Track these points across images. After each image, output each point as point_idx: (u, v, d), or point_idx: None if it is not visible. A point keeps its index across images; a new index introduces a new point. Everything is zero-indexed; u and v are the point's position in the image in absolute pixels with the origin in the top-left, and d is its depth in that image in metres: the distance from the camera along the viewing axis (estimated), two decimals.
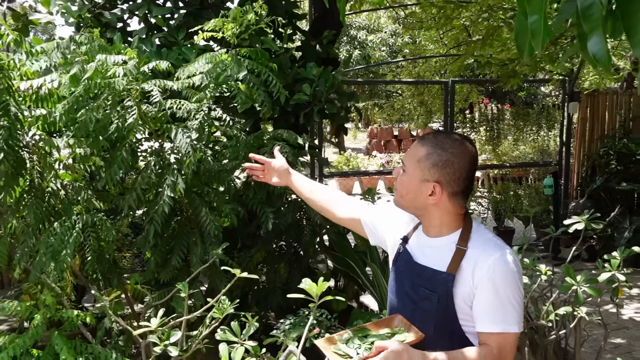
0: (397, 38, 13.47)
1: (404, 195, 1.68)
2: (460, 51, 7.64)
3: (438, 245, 1.68)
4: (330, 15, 4.43)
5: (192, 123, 2.44)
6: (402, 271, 1.75)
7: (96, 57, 2.31)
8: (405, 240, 1.78)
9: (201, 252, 2.66)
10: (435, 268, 1.64)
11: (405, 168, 1.67)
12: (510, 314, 1.56)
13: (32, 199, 2.44)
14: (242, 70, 2.50)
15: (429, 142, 1.65)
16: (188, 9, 3.69)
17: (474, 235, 1.65)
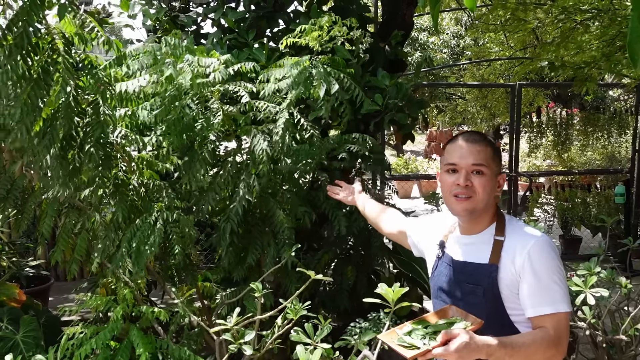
0: (460, 40, 13.23)
1: (484, 197, 1.73)
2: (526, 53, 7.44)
3: (476, 241, 1.77)
4: (400, 16, 4.39)
5: (275, 129, 2.47)
6: (444, 273, 1.83)
7: (185, 58, 2.38)
8: (442, 245, 1.88)
9: (274, 252, 2.70)
10: (477, 262, 1.73)
11: (483, 169, 1.72)
12: (557, 294, 1.63)
13: (118, 196, 2.53)
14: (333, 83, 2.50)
15: (484, 140, 1.76)
16: (261, 12, 3.73)
17: (509, 226, 1.75)
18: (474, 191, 1.72)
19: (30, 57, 2.12)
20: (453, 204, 1.75)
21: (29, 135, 2.23)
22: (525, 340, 1.57)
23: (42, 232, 2.89)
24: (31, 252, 5.05)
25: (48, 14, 2.25)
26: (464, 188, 1.72)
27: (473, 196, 1.72)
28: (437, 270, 1.87)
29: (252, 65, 2.62)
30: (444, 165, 1.80)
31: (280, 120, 2.47)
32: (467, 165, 1.73)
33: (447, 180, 1.77)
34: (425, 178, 9.91)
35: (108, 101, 2.41)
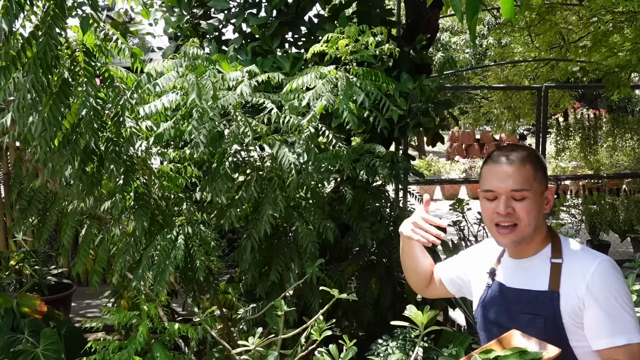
0: (483, 40, 13.05)
1: (531, 222, 1.55)
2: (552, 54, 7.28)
3: (530, 264, 1.60)
4: (425, 20, 4.30)
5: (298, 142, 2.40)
6: (494, 303, 1.65)
7: (208, 72, 2.33)
8: (493, 273, 1.68)
9: (298, 268, 2.63)
10: (535, 289, 1.55)
11: (525, 194, 1.54)
12: (629, 322, 1.47)
13: (138, 209, 2.49)
14: (358, 94, 2.42)
15: (522, 158, 1.57)
16: (283, 18, 3.68)
17: (565, 247, 1.58)
18: (517, 218, 1.54)
19: (51, 71, 2.07)
20: (497, 235, 1.58)
21: (49, 148, 2.20)
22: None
23: (63, 242, 2.87)
24: (53, 260, 5.05)
25: (69, 26, 2.21)
26: (505, 216, 1.54)
27: (517, 224, 1.54)
28: (486, 301, 1.67)
29: (279, 77, 2.54)
30: (481, 191, 1.62)
31: (305, 134, 2.40)
32: (506, 191, 1.55)
33: (487, 207, 1.59)
34: (449, 183, 9.77)
35: (129, 113, 2.37)
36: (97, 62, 2.24)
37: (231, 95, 2.36)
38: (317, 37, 3.76)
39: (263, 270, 2.84)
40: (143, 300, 2.67)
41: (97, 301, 5.26)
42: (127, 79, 2.41)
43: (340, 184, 3.11)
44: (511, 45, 8.74)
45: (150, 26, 4.10)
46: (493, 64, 9.64)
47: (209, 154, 2.47)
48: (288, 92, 2.68)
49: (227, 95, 2.39)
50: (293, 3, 3.91)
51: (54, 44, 1.98)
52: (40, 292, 4.20)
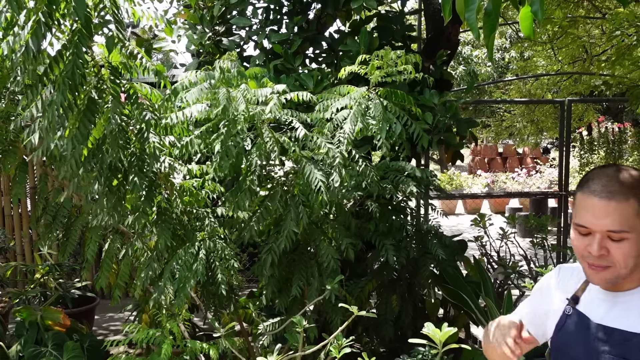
0: (504, 53, 12.99)
1: (628, 265, 1.33)
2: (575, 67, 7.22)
3: (627, 299, 1.39)
4: (445, 36, 4.30)
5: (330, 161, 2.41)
6: (573, 336, 1.45)
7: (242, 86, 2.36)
8: (575, 300, 1.47)
9: (318, 284, 2.63)
10: (629, 330, 1.34)
11: (624, 235, 1.31)
12: None
13: (160, 224, 2.51)
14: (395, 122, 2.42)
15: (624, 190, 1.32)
16: (304, 35, 3.71)
17: None
18: (611, 261, 1.33)
19: (78, 89, 2.12)
20: (588, 273, 1.38)
21: (76, 164, 2.24)
22: None
23: (86, 257, 2.91)
24: (77, 273, 5.12)
25: (95, 43, 2.26)
26: (598, 258, 1.33)
27: (612, 267, 1.34)
28: (562, 332, 1.48)
29: (308, 96, 2.54)
30: (573, 222, 1.38)
31: (337, 159, 2.39)
32: (602, 231, 1.32)
33: (578, 242, 1.37)
34: (471, 197, 9.67)
35: (154, 128, 2.41)
36: (122, 80, 2.28)
37: (260, 110, 2.39)
38: (338, 53, 3.79)
39: (283, 285, 2.85)
40: (164, 316, 2.69)
41: (120, 314, 5.31)
42: (152, 95, 2.45)
43: (364, 200, 3.11)
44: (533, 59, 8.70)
45: (173, 43, 4.17)
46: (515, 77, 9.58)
47: (232, 168, 2.49)
48: (319, 111, 2.68)
49: (256, 109, 2.42)
50: (314, 19, 3.95)
51: (81, 63, 2.03)
52: (64, 305, 4.25)
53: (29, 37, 1.92)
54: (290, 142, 2.55)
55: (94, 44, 2.27)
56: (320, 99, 2.65)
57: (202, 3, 4.20)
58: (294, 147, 2.55)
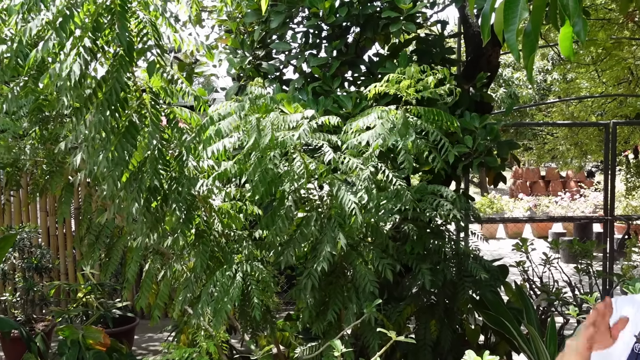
0: (546, 75, 12.80)
1: None
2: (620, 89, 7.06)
3: None
4: (485, 58, 4.27)
5: (359, 183, 2.41)
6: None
7: (271, 115, 2.39)
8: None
9: (356, 307, 2.61)
10: None
11: None
12: None
13: (199, 246, 2.54)
14: (410, 134, 2.43)
15: None
16: (343, 58, 3.73)
17: None
18: None
19: (119, 112, 2.18)
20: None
21: (116, 185, 2.29)
22: None
23: (127, 277, 2.96)
24: (118, 293, 5.21)
25: (137, 70, 2.32)
26: None
27: None
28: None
29: (336, 120, 2.57)
30: None
31: (364, 174, 2.40)
32: None
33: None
34: (512, 221, 9.47)
35: (193, 153, 2.45)
36: (162, 104, 2.34)
37: (289, 136, 2.40)
38: (377, 76, 3.80)
39: (320, 308, 2.83)
40: (202, 337, 2.70)
41: (159, 334, 5.36)
42: (191, 119, 2.50)
43: (402, 222, 3.08)
44: (576, 81, 8.55)
45: (214, 67, 4.25)
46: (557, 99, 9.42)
47: (266, 192, 2.51)
48: (346, 132, 2.71)
49: (287, 135, 2.45)
50: (353, 43, 3.98)
51: (121, 87, 2.09)
52: (104, 325, 4.32)
53: (73, 63, 1.99)
54: (322, 166, 2.56)
55: (137, 69, 2.33)
56: (350, 121, 2.66)
57: (242, 28, 4.28)
58: (324, 170, 2.55)
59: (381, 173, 2.65)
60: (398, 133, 2.50)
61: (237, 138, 2.47)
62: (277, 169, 2.51)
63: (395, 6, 3.58)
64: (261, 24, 3.95)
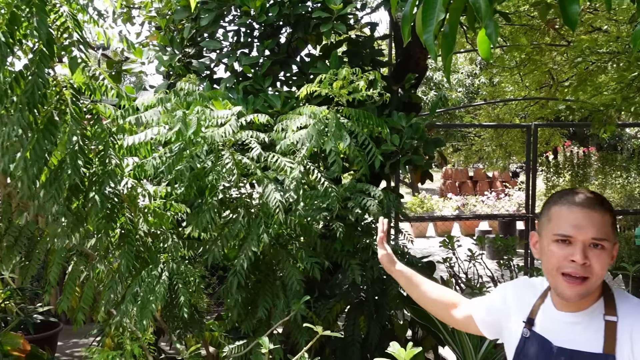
0: (474, 79, 13.25)
1: (601, 277, 1.41)
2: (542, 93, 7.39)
3: (580, 321, 1.44)
4: (414, 60, 4.38)
5: (288, 182, 2.43)
6: (533, 358, 1.48)
7: (196, 108, 2.36)
8: (531, 323, 1.52)
9: (284, 305, 2.62)
10: (587, 350, 1.39)
11: (604, 244, 1.39)
12: None
13: (123, 246, 2.48)
14: (345, 137, 2.47)
15: (602, 204, 1.43)
16: (274, 58, 3.74)
17: (620, 302, 1.43)
18: (590, 271, 1.38)
19: (38, 108, 2.10)
20: (563, 287, 1.41)
21: (33, 184, 2.20)
22: None
23: (49, 279, 2.85)
24: (40, 298, 5.00)
25: (57, 65, 2.24)
26: (580, 267, 1.37)
27: (589, 277, 1.38)
28: (522, 355, 1.52)
29: (265, 118, 2.58)
30: (551, 234, 1.43)
31: (294, 174, 2.42)
32: (586, 239, 1.38)
33: (556, 253, 1.41)
34: (441, 219, 9.76)
35: (116, 151, 2.39)
36: (84, 101, 2.27)
37: (216, 131, 2.39)
38: (309, 76, 3.82)
39: (249, 307, 2.82)
40: (127, 339, 2.64)
41: (85, 340, 5.18)
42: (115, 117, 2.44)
43: (330, 221, 3.13)
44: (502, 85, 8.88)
45: (142, 65, 4.16)
46: (484, 102, 9.77)
47: (196, 190, 2.48)
48: (279, 131, 2.72)
49: (213, 131, 2.43)
50: (285, 43, 3.99)
51: (42, 83, 2.01)
52: (25, 331, 4.14)
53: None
54: (252, 164, 2.56)
55: (57, 65, 2.25)
56: (281, 120, 2.68)
57: (172, 25, 4.21)
58: (255, 168, 2.55)
59: (310, 173, 2.68)
60: (333, 136, 2.52)
61: (162, 131, 2.42)
62: (203, 164, 2.48)
63: (326, 7, 3.63)
64: (191, 21, 3.90)
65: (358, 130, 2.60)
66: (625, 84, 4.24)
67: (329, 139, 2.49)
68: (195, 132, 2.27)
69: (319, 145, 2.51)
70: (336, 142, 2.49)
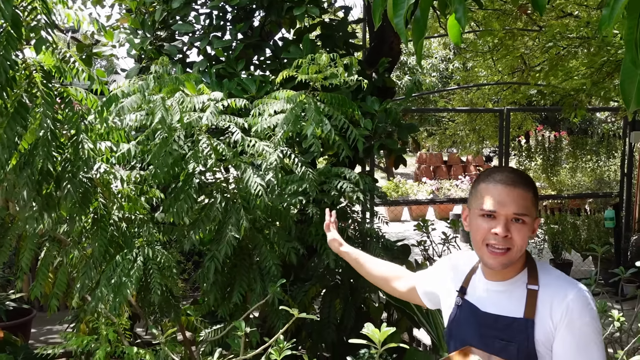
0: (448, 64, 13.33)
1: (522, 248, 1.53)
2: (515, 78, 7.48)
3: (505, 289, 1.57)
4: (387, 45, 4.39)
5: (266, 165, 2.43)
6: (466, 325, 1.62)
7: (176, 94, 2.34)
8: (463, 292, 1.66)
9: (260, 289, 2.63)
10: (510, 315, 1.53)
11: (525, 219, 1.51)
12: (596, 356, 1.47)
13: (96, 231, 2.46)
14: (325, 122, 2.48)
15: (525, 181, 1.55)
16: (247, 41, 3.72)
17: (542, 273, 1.55)
18: (512, 243, 1.50)
19: (7, 91, 2.06)
20: (487, 257, 1.53)
21: (3, 169, 2.17)
22: None
23: (21, 265, 2.81)
24: (12, 285, 4.93)
25: (26, 47, 2.20)
26: (502, 240, 1.50)
27: (511, 249, 1.50)
28: (455, 321, 1.66)
29: (243, 102, 2.57)
30: (477, 209, 1.56)
31: (271, 158, 2.42)
32: (508, 213, 1.50)
33: (481, 226, 1.54)
34: (416, 203, 9.84)
35: (89, 135, 2.36)
36: (55, 84, 2.23)
37: (197, 117, 2.37)
38: (282, 60, 3.81)
39: (226, 291, 2.83)
40: (102, 324, 2.63)
41: (59, 327, 5.13)
42: (87, 100, 2.40)
43: (306, 205, 3.14)
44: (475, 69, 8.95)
45: (114, 48, 4.09)
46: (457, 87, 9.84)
47: (172, 175, 2.47)
48: (256, 116, 2.71)
49: (192, 116, 2.41)
50: (258, 26, 3.96)
51: (9, 65, 1.97)
52: None
53: None
54: (227, 149, 2.55)
55: (26, 47, 2.21)
56: (257, 104, 2.67)
57: (143, 8, 4.15)
58: (232, 153, 2.55)
59: (287, 157, 2.68)
60: (313, 120, 2.53)
61: (139, 117, 2.40)
62: (181, 150, 2.47)
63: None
64: (162, 3, 3.85)
65: (336, 114, 2.61)
66: (595, 68, 4.31)
67: (308, 123, 2.49)
68: (180, 119, 2.26)
69: (296, 129, 2.51)
70: (317, 126, 2.49)
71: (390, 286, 2.00)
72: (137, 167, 2.96)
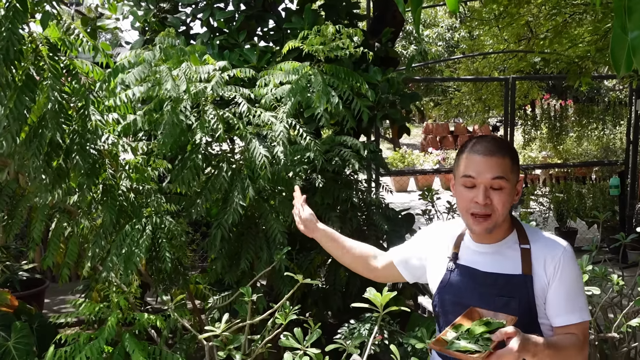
0: (454, 33, 13.20)
1: (504, 212, 1.63)
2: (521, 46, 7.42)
3: (498, 250, 1.68)
4: (390, 14, 4.38)
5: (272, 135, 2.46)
6: (463, 286, 1.69)
7: (183, 65, 2.36)
8: (455, 257, 1.74)
9: (267, 257, 2.69)
10: (509, 273, 1.63)
11: (502, 184, 1.60)
12: (583, 303, 1.64)
13: (106, 201, 2.52)
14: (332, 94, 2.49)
15: (502, 149, 1.63)
16: (250, 12, 3.72)
17: (529, 233, 1.68)
18: (493, 209, 1.60)
19: (15, 65, 2.10)
20: (472, 224, 1.63)
21: (14, 142, 2.21)
22: (565, 343, 1.57)
23: (32, 236, 2.88)
24: (25, 256, 5.04)
25: (32, 20, 2.23)
26: (483, 207, 1.60)
27: (492, 214, 1.61)
28: (448, 286, 1.72)
29: (250, 72, 2.59)
30: (459, 177, 1.65)
31: (279, 130, 2.45)
32: (486, 181, 1.60)
33: (464, 196, 1.63)
34: (421, 173, 9.86)
35: (96, 106, 2.40)
36: (61, 57, 2.26)
37: (203, 87, 2.40)
38: (286, 30, 3.81)
39: (233, 259, 2.89)
40: (113, 292, 2.71)
41: (71, 296, 5.25)
42: (93, 72, 2.44)
43: (310, 175, 3.18)
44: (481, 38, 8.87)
45: (117, 20, 4.10)
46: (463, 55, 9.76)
47: (175, 145, 2.51)
48: (261, 86, 2.73)
49: (199, 87, 2.44)
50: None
51: (16, 39, 2.00)
52: (12, 288, 4.19)
53: None
54: (234, 119, 2.59)
55: (32, 20, 2.23)
56: (263, 75, 2.69)
57: None
58: (238, 123, 2.58)
59: (292, 128, 2.71)
60: (323, 93, 2.55)
61: (146, 88, 2.43)
62: (188, 120, 2.51)
63: None
64: None
65: (341, 86, 2.63)
66: (600, 35, 4.28)
67: (317, 96, 2.51)
68: (187, 89, 2.29)
69: (304, 100, 2.54)
70: (325, 98, 2.51)
71: (368, 264, 1.98)
72: (144, 139, 3.01)
